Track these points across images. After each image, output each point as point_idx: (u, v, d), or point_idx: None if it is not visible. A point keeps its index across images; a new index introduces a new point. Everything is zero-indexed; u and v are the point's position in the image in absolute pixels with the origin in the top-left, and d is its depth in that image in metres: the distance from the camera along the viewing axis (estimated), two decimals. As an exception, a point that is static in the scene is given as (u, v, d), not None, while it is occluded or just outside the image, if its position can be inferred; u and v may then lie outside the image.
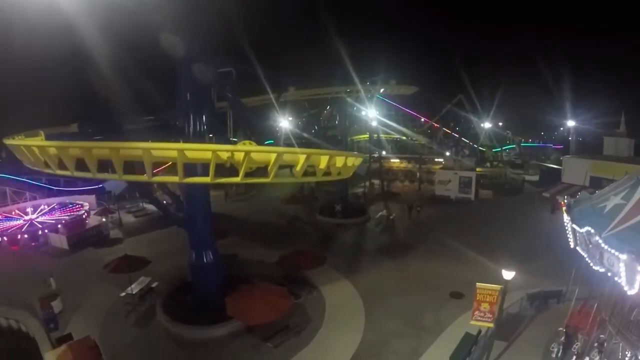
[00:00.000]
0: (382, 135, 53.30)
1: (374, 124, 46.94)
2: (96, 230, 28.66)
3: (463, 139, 60.08)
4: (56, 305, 17.65)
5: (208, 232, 17.69)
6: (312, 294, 19.65)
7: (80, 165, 10.49)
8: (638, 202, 10.65)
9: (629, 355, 12.19)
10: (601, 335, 13.50)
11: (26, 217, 29.32)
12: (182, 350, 15.62)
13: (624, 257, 9.36)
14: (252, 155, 10.26)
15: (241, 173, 10.39)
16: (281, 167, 11.13)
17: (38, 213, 30.28)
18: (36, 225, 28.23)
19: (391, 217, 31.76)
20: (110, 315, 18.06)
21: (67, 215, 29.45)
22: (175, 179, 10.44)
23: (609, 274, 10.46)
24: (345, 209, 33.67)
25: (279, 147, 10.60)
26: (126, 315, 18.08)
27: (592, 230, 10.63)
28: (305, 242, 27.37)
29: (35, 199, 33.27)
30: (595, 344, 13.33)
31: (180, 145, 10.07)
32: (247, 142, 10.82)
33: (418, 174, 46.77)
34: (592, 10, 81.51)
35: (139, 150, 9.52)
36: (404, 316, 17.71)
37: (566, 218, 12.62)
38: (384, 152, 52.97)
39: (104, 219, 30.82)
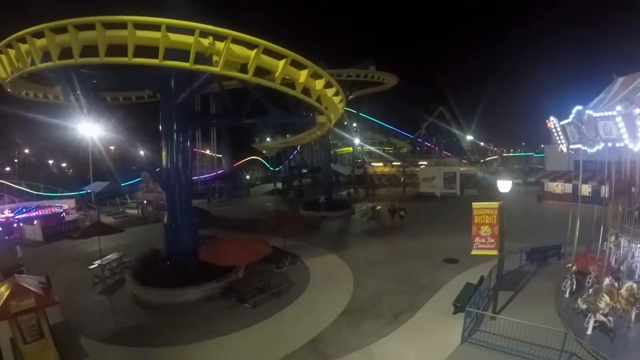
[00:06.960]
0: (365, 148, 54.22)
1: (357, 141, 48.18)
2: (73, 224, 27.72)
3: (445, 152, 61.19)
4: (21, 278, 16.59)
5: (186, 190, 17.06)
6: (295, 264, 18.77)
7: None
8: (617, 89, 11.25)
9: None
10: (613, 265, 13.24)
11: (2, 216, 28.36)
12: (148, 314, 14.19)
13: (619, 108, 9.24)
14: (232, 47, 10.55)
15: (221, 62, 10.49)
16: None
17: (16, 214, 29.31)
18: (12, 221, 27.25)
19: (378, 208, 31.33)
20: (76, 285, 16.99)
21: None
22: (155, 61, 10.57)
23: (610, 145, 10.44)
24: (330, 202, 33.28)
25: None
26: (93, 285, 17.07)
27: (581, 108, 10.77)
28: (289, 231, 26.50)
29: (14, 202, 32.34)
30: (609, 276, 12.79)
31: (164, 20, 10.24)
32: None
33: (402, 178, 46.87)
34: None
35: (124, 31, 10.07)
36: (397, 278, 16.78)
37: (552, 119, 12.83)
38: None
39: (81, 215, 29.91)
